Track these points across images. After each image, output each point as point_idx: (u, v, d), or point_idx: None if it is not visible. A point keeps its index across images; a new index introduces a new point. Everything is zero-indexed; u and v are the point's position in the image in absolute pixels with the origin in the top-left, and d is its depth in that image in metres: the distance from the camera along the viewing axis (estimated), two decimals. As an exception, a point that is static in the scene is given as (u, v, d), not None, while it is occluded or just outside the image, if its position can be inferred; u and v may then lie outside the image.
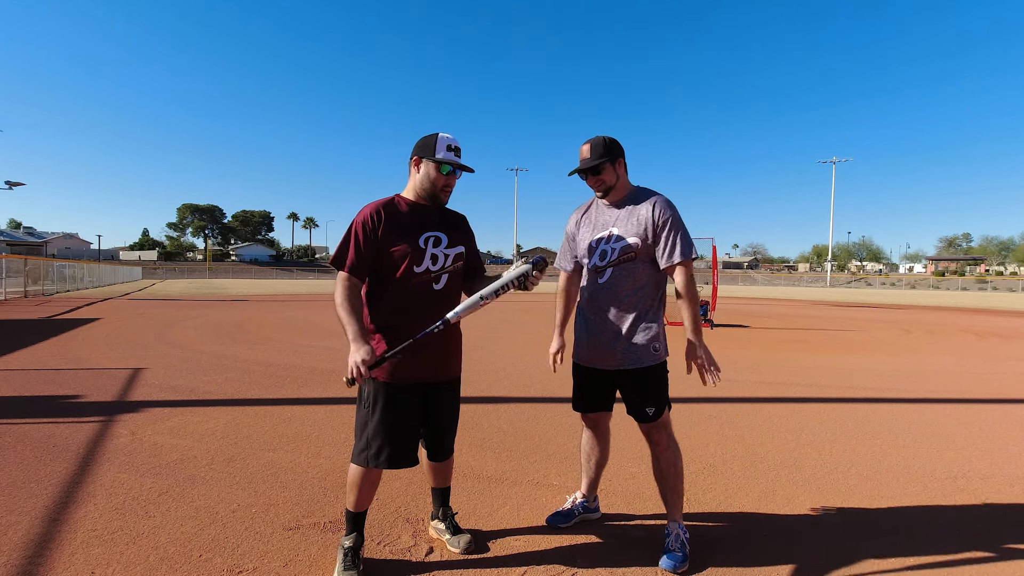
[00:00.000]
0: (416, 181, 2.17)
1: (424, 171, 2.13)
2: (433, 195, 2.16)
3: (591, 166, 2.31)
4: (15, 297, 18.89)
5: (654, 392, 2.31)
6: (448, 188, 2.17)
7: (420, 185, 2.15)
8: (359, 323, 2.02)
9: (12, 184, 26.10)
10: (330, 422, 4.17)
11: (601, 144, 2.34)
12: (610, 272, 2.31)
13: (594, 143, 2.35)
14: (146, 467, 3.15)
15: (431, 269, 2.12)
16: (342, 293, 2.05)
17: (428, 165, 2.12)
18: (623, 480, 3.11)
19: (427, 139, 2.14)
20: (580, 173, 2.38)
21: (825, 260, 75.73)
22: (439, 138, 2.12)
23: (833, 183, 69.25)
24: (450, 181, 2.15)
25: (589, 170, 2.33)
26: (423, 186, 2.15)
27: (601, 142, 2.34)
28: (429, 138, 2.14)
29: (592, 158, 2.32)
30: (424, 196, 2.17)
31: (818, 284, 63.48)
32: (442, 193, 2.16)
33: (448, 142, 2.12)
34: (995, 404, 5.23)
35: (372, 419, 2.08)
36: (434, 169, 2.11)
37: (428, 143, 2.13)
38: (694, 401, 5.02)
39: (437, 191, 2.15)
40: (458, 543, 2.30)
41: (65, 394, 4.92)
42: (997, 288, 53.51)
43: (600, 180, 2.34)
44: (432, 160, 2.11)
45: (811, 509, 2.78)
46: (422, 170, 2.14)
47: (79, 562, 2.15)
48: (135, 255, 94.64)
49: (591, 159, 2.32)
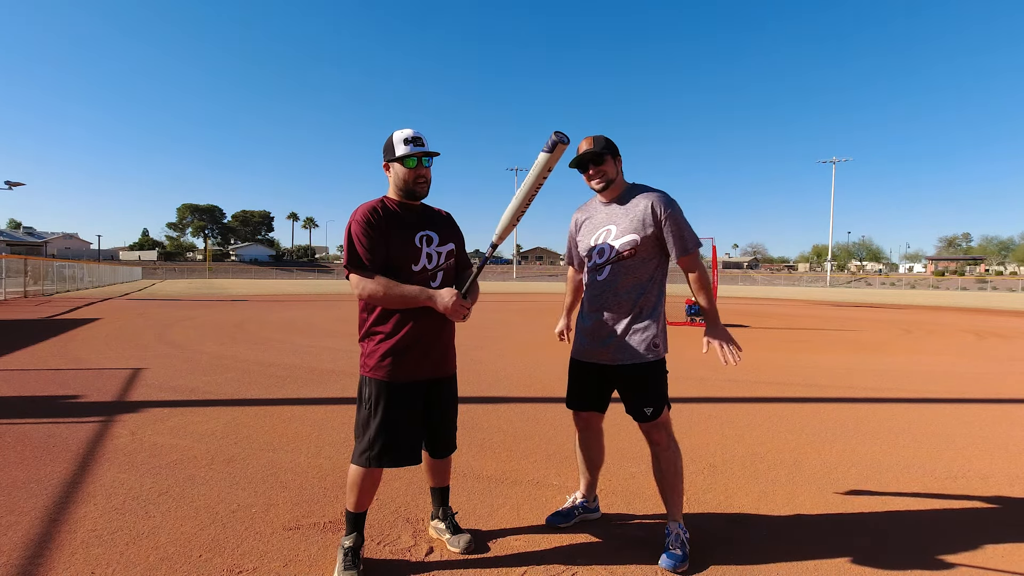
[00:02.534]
0: (393, 182, 2.18)
1: (394, 172, 2.15)
2: (411, 191, 2.16)
3: (595, 154, 2.31)
4: (15, 297, 18.89)
5: (652, 391, 2.30)
6: (422, 178, 2.15)
7: (397, 186, 2.17)
8: (411, 286, 2.04)
9: (12, 184, 26.10)
10: (330, 422, 4.17)
11: (602, 138, 2.35)
12: (609, 269, 2.32)
13: (595, 137, 2.35)
14: (146, 467, 3.15)
15: (427, 268, 2.13)
16: (379, 283, 2.02)
17: (395, 166, 2.14)
18: (623, 480, 3.11)
19: (387, 141, 2.16)
20: (581, 164, 2.36)
21: (825, 260, 75.71)
22: (394, 137, 2.13)
23: (833, 183, 69.31)
24: (421, 171, 2.14)
25: (591, 160, 2.32)
26: (399, 186, 2.16)
27: (601, 137, 2.35)
28: (388, 139, 2.16)
29: (595, 147, 2.32)
30: (404, 194, 2.17)
31: (818, 284, 63.48)
32: (417, 186, 2.15)
33: (404, 136, 2.12)
34: (995, 404, 5.23)
35: (374, 419, 2.08)
36: (400, 167, 2.12)
37: (388, 145, 2.15)
38: (694, 401, 5.02)
39: (412, 186, 2.15)
40: (458, 543, 2.30)
41: (65, 394, 4.92)
42: (997, 288, 53.51)
43: (602, 171, 2.33)
44: (395, 159, 2.12)
45: (811, 509, 2.78)
46: (393, 170, 2.16)
47: (79, 562, 2.15)
48: (135, 255, 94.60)
49: (594, 148, 2.32)
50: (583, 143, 2.36)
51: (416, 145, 2.12)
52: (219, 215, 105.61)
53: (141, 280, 48.03)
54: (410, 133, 2.13)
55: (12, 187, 26.15)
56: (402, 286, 2.03)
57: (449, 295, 2.02)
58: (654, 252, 2.33)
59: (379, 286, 2.02)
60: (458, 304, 2.02)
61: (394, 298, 2.02)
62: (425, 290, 2.04)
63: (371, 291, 2.03)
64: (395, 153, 2.11)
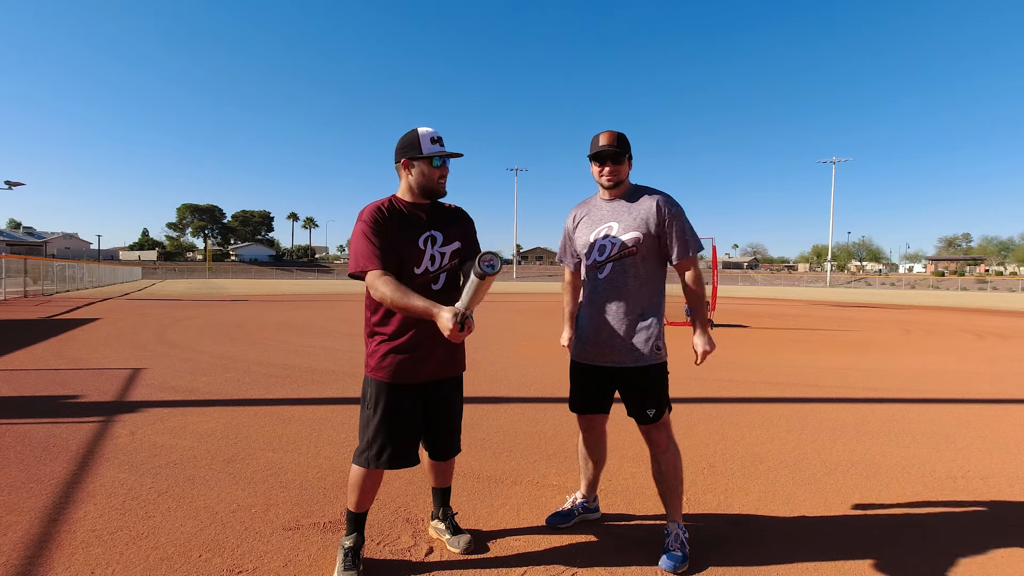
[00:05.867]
0: (410, 182, 2.14)
1: (417, 170, 2.11)
2: (432, 190, 2.14)
3: (616, 152, 2.29)
4: (15, 297, 18.88)
5: (655, 392, 2.30)
6: (444, 178, 2.15)
7: (416, 184, 2.13)
8: (420, 298, 1.88)
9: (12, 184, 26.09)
10: (330, 422, 4.17)
11: (624, 137, 2.34)
12: (610, 267, 2.30)
13: (617, 134, 2.33)
14: (146, 467, 3.15)
15: (430, 270, 2.12)
16: (388, 287, 1.91)
17: (419, 163, 2.10)
18: (623, 480, 3.11)
19: (409, 138, 2.11)
20: (599, 157, 2.32)
21: (825, 260, 75.73)
22: (420, 134, 2.09)
23: (833, 183, 69.46)
24: (444, 171, 2.14)
25: (611, 157, 2.31)
26: (420, 184, 2.13)
27: (623, 135, 2.34)
28: (410, 136, 2.11)
29: (617, 146, 2.30)
30: (422, 193, 2.15)
31: (818, 284, 63.48)
32: (439, 186, 2.15)
33: (430, 135, 2.10)
34: (995, 404, 5.23)
35: (373, 420, 2.08)
36: (427, 165, 2.10)
37: (412, 142, 2.10)
38: (694, 401, 5.02)
39: (435, 185, 2.14)
40: (458, 543, 2.30)
41: (65, 394, 4.92)
42: (997, 288, 53.52)
43: (616, 170, 2.32)
44: (422, 157, 2.09)
45: (811, 509, 2.78)
46: (415, 170, 2.12)
47: (79, 562, 2.15)
48: (135, 255, 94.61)
49: (616, 146, 2.30)
50: (603, 136, 2.33)
51: (441, 145, 2.11)
52: (219, 215, 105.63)
53: (141, 280, 48.02)
54: (435, 132, 2.11)
55: (12, 187, 26.14)
56: (411, 296, 1.88)
57: (450, 320, 1.78)
58: (656, 252, 2.32)
59: (388, 289, 1.91)
60: (454, 333, 1.80)
61: (399, 306, 1.91)
62: (431, 307, 1.84)
63: (380, 293, 1.94)
64: (421, 151, 2.08)
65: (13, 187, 26.13)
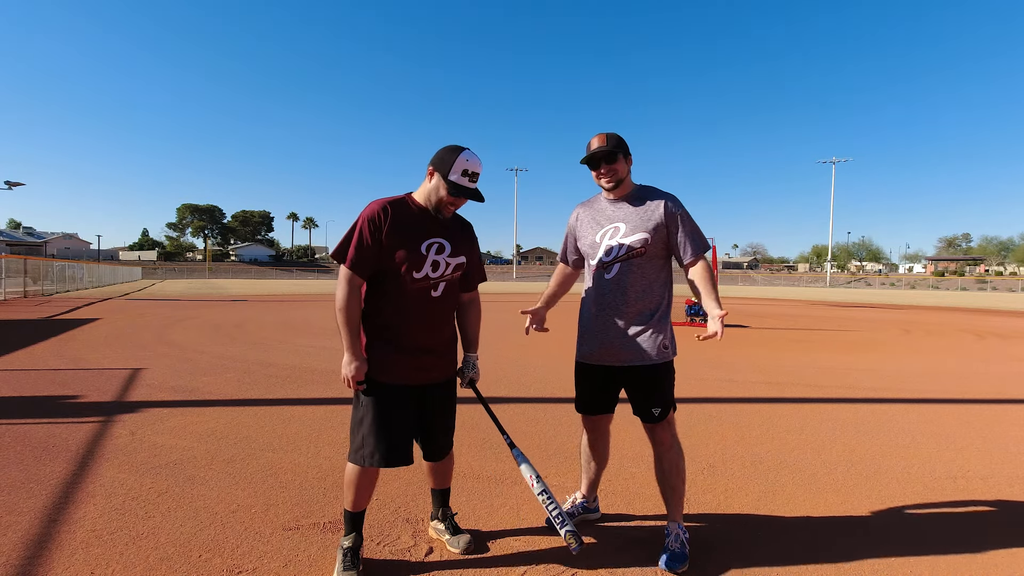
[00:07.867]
0: (427, 189, 2.15)
1: (435, 183, 2.11)
2: (437, 209, 2.14)
3: (608, 152, 2.29)
4: (15, 297, 18.88)
5: (661, 392, 2.30)
6: (453, 207, 2.14)
7: (428, 194, 2.14)
8: (354, 334, 2.06)
9: (12, 184, 26.10)
10: (330, 422, 4.17)
11: (615, 136, 2.33)
12: (617, 268, 2.30)
13: (608, 134, 2.33)
14: (146, 467, 3.15)
15: (431, 276, 2.11)
16: (343, 295, 2.05)
17: (441, 181, 2.09)
18: (623, 480, 3.11)
19: (449, 153, 2.07)
20: (593, 161, 2.33)
21: (825, 260, 75.73)
22: (458, 159, 2.05)
23: (833, 183, 69.37)
24: (456, 202, 2.12)
25: (604, 158, 2.30)
26: (430, 196, 2.14)
27: (614, 135, 2.33)
28: (451, 153, 2.06)
29: (608, 145, 2.30)
30: (429, 206, 2.16)
31: (818, 284, 63.49)
32: (445, 210, 2.13)
33: (466, 166, 2.06)
34: (995, 404, 5.23)
35: (366, 418, 2.08)
36: (443, 187, 2.08)
37: (447, 159, 2.07)
38: (694, 401, 5.02)
39: (442, 207, 2.13)
40: (458, 543, 2.30)
41: (65, 394, 4.92)
42: (997, 288, 53.52)
43: (613, 170, 2.32)
44: (444, 179, 2.08)
45: (811, 510, 2.78)
46: (434, 182, 2.11)
47: (79, 562, 2.15)
48: (135, 255, 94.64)
49: (607, 146, 2.30)
50: (595, 140, 2.34)
51: (472, 181, 2.08)
52: (219, 215, 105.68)
53: (141, 280, 48.02)
54: (473, 167, 2.07)
55: (12, 187, 26.15)
56: (347, 318, 2.05)
57: (350, 369, 2.04)
58: (663, 252, 2.32)
59: (340, 295, 2.06)
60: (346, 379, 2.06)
61: (341, 318, 2.06)
62: (353, 344, 2.05)
63: (338, 293, 2.07)
64: (447, 174, 2.06)
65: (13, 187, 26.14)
